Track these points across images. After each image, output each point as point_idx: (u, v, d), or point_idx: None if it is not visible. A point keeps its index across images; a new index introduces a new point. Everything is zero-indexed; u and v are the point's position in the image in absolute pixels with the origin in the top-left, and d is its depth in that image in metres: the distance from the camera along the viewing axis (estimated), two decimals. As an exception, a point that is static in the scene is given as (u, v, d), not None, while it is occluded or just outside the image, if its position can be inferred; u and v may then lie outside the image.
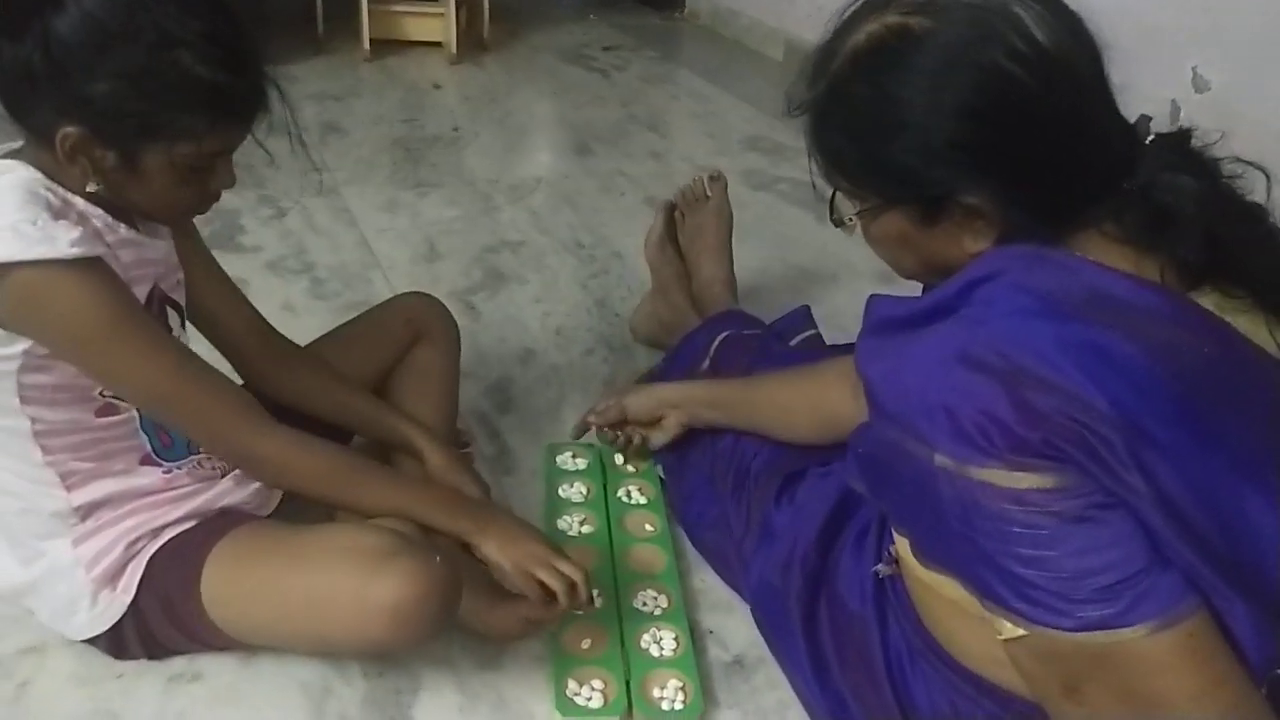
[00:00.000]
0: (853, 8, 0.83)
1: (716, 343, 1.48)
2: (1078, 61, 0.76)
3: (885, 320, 0.83)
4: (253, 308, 1.23)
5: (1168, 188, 0.77)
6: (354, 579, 0.96)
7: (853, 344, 1.47)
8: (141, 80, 0.86)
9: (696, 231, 1.72)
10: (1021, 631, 0.73)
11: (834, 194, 0.89)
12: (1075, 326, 0.70)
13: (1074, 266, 0.75)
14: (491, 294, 1.98)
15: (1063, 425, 0.68)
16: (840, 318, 1.89)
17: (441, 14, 3.57)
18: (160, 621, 1.06)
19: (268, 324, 1.23)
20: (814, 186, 0.90)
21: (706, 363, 1.46)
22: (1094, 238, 0.78)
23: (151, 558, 1.04)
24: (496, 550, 1.06)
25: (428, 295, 1.40)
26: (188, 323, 1.12)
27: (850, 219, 0.88)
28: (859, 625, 1.02)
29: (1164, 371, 0.68)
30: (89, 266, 0.90)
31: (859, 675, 1.01)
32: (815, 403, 1.22)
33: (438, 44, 3.62)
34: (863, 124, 0.81)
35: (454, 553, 1.07)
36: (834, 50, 0.82)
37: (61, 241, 0.87)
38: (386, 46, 3.54)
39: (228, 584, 1.03)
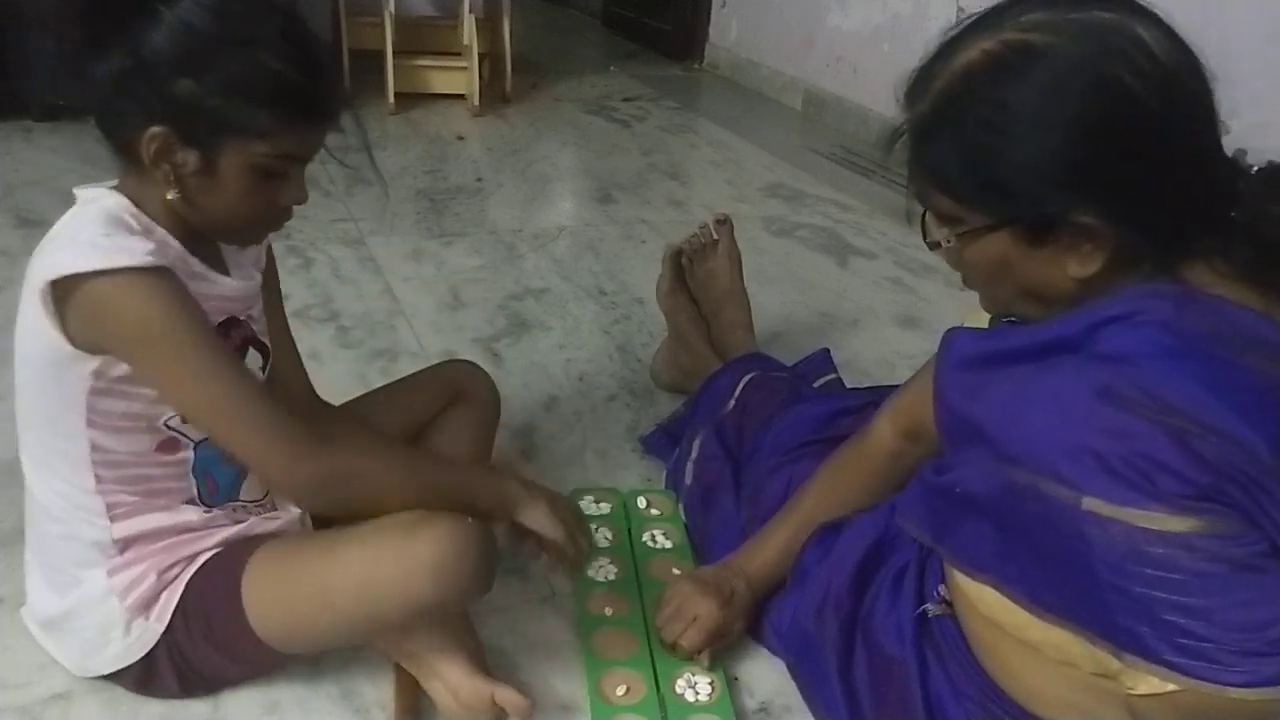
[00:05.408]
0: (958, 29, 0.81)
1: (742, 384, 1.48)
2: (1194, 85, 0.76)
3: (979, 355, 0.81)
4: (303, 369, 1.25)
5: (1277, 220, 0.76)
6: (394, 543, 1.00)
7: (874, 388, 1.48)
8: (223, 75, 0.91)
9: (709, 277, 1.72)
10: (1171, 687, 0.70)
11: (924, 215, 0.87)
12: (1229, 370, 0.69)
13: (1219, 308, 0.73)
14: (515, 341, 2.00)
15: (1228, 471, 0.66)
16: (861, 362, 1.90)
17: (465, 67, 3.64)
18: (198, 642, 1.06)
19: (312, 390, 1.25)
20: (908, 213, 0.88)
21: (732, 403, 1.47)
22: (1204, 272, 0.77)
23: (189, 582, 1.05)
24: (548, 507, 1.10)
25: (472, 363, 1.42)
26: None
27: (949, 240, 0.84)
28: (898, 670, 1.01)
29: None
30: (158, 274, 0.93)
31: None
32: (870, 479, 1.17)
33: (461, 96, 3.69)
34: (978, 140, 0.78)
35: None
36: (938, 70, 0.81)
37: (134, 252, 0.91)
38: (411, 100, 3.60)
39: (269, 580, 1.03)
